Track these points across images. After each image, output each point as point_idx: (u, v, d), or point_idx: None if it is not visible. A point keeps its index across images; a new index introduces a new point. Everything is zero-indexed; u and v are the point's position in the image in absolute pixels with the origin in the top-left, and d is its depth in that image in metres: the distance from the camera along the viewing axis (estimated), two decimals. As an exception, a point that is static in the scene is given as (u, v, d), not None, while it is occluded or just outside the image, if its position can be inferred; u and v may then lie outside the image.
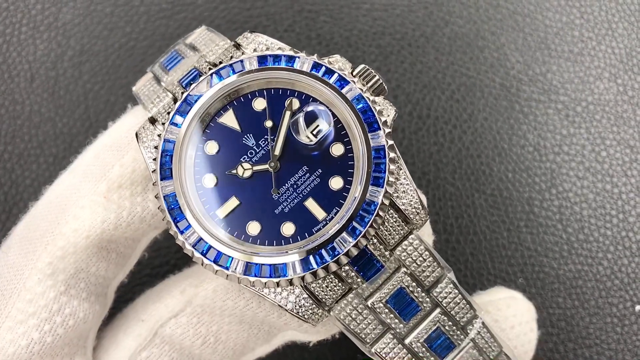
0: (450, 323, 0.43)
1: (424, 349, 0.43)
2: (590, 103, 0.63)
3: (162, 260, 0.58)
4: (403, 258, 0.42)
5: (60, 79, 0.62)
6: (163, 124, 0.42)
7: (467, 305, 0.43)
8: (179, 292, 0.46)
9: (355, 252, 0.40)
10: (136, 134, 0.43)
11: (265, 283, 0.39)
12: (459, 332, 0.43)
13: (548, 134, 0.62)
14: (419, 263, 0.42)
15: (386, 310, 0.42)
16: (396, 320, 0.42)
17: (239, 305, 0.45)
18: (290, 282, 0.40)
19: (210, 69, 0.43)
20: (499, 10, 0.65)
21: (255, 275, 0.39)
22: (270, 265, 0.39)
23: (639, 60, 0.64)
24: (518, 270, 0.59)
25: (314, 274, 0.39)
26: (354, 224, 0.40)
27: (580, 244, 0.60)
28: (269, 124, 0.42)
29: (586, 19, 0.65)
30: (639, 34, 0.65)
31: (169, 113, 0.42)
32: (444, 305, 0.43)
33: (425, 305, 0.42)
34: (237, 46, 0.44)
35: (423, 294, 0.42)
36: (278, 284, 0.40)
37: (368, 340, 0.42)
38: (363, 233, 0.40)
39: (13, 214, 0.59)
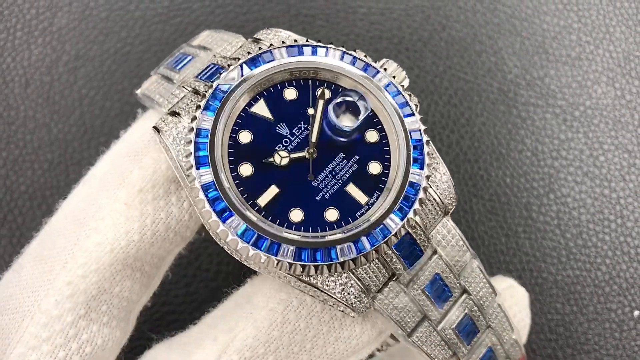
0: (476, 308, 0.44)
1: (454, 335, 0.43)
2: (588, 107, 0.63)
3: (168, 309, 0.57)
4: (438, 242, 0.43)
5: (55, 84, 0.61)
6: (189, 114, 0.42)
7: (490, 290, 0.44)
8: (211, 341, 0.41)
9: (403, 232, 0.40)
10: (156, 128, 0.41)
11: (317, 268, 0.39)
12: (482, 317, 0.44)
13: (546, 139, 0.62)
14: (452, 247, 0.43)
15: (423, 297, 0.42)
16: (431, 307, 0.43)
17: (285, 332, 0.41)
18: (342, 266, 0.39)
19: (229, 64, 0.43)
20: (496, 14, 0.65)
21: (306, 261, 0.39)
22: (320, 249, 0.39)
23: (636, 64, 0.64)
24: (516, 276, 0.59)
25: (366, 256, 0.40)
26: (401, 204, 0.40)
27: (579, 249, 0.60)
28: (310, 111, 0.42)
29: (584, 22, 0.65)
30: (637, 38, 0.65)
31: (197, 104, 0.41)
32: (471, 290, 0.44)
33: (456, 291, 0.43)
34: (256, 41, 0.45)
35: (454, 279, 0.43)
36: (329, 269, 0.39)
37: (408, 329, 0.42)
38: (411, 212, 0.40)
39: (7, 220, 0.59)
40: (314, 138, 0.42)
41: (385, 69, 0.44)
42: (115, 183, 0.41)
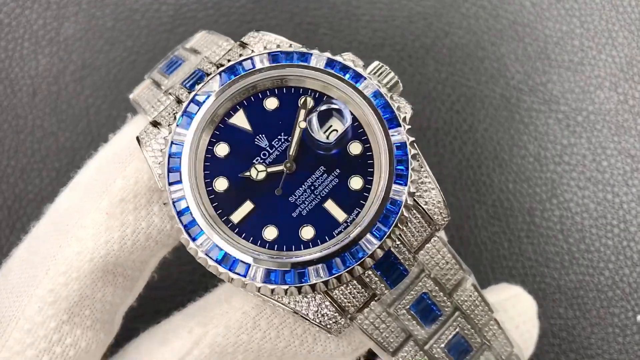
0: (468, 326, 0.42)
1: (443, 354, 0.42)
2: (590, 112, 0.63)
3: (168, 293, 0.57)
4: (426, 261, 0.40)
5: (62, 93, 0.62)
6: (169, 125, 0.40)
7: (486, 308, 0.43)
8: (187, 332, 0.43)
9: (380, 253, 0.38)
10: (137, 139, 0.41)
11: (286, 290, 0.38)
12: (476, 334, 0.43)
13: (549, 144, 0.62)
14: (442, 266, 0.41)
15: (409, 316, 0.41)
16: (418, 327, 0.41)
17: (255, 339, 0.42)
18: (313, 288, 0.38)
19: (215, 69, 0.41)
20: (498, 20, 0.65)
21: (275, 283, 0.37)
22: (291, 271, 0.37)
23: (639, 69, 0.64)
24: (519, 281, 0.59)
25: (338, 278, 0.38)
26: (379, 224, 0.38)
27: (582, 253, 0.60)
28: (302, 125, 0.40)
29: (586, 28, 0.65)
30: (639, 43, 0.65)
31: (174, 115, 0.40)
32: (464, 308, 0.42)
33: (446, 309, 0.41)
34: (243, 45, 0.43)
35: (445, 298, 0.41)
36: (299, 291, 0.38)
37: (390, 349, 0.41)
38: (388, 233, 0.38)
39: (16, 228, 0.60)
40: (292, 151, 0.40)
41: (374, 74, 0.41)
42: (99, 191, 0.42)
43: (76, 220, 0.42)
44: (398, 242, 0.39)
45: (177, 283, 0.57)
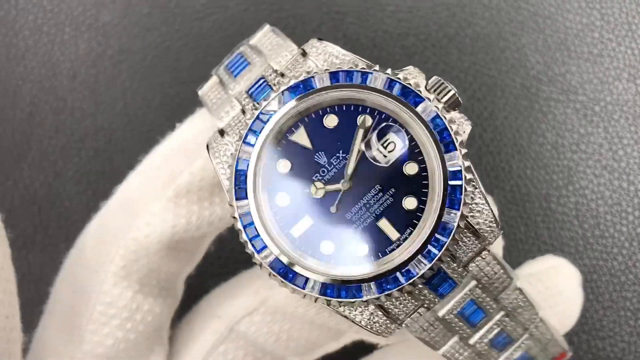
0: (512, 323, 0.44)
1: (486, 346, 0.44)
2: (608, 103, 0.65)
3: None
4: (475, 272, 0.41)
5: (101, 76, 0.65)
6: (236, 141, 0.42)
7: (530, 307, 0.44)
8: (253, 292, 0.48)
9: (430, 274, 0.39)
10: (207, 146, 0.43)
11: (341, 303, 0.40)
12: (519, 329, 0.44)
13: (566, 133, 0.64)
14: (490, 276, 0.42)
15: (456, 319, 0.43)
16: (464, 327, 0.43)
17: (309, 313, 0.47)
18: (366, 303, 0.40)
19: (278, 79, 0.42)
20: (520, 12, 0.67)
21: (331, 296, 0.39)
22: (345, 286, 0.39)
23: (657, 61, 0.66)
24: (534, 264, 0.61)
25: (389, 295, 0.39)
26: (430, 247, 0.39)
27: (596, 239, 0.62)
28: (361, 146, 0.41)
29: (606, 20, 0.67)
30: (658, 36, 0.66)
31: (240, 129, 0.42)
32: (510, 309, 0.44)
33: (492, 311, 0.43)
34: (304, 54, 0.43)
35: (491, 302, 0.43)
36: (353, 305, 0.40)
37: (437, 347, 0.43)
38: (439, 256, 0.39)
39: (56, 205, 0.63)
40: (349, 170, 0.41)
41: (405, 79, 0.41)
42: (165, 179, 0.45)
43: (145, 205, 0.45)
44: (448, 259, 0.41)
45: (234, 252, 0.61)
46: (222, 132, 0.43)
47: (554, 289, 0.49)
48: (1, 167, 0.64)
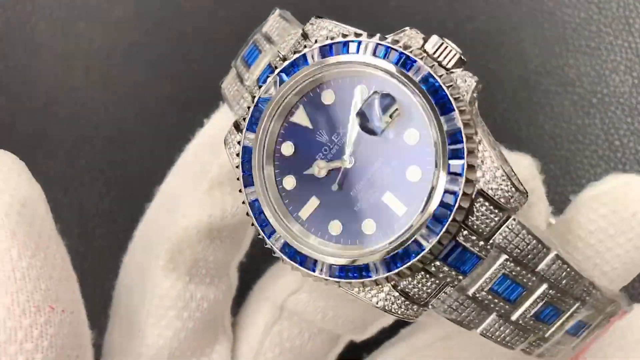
0: (559, 294, 0.40)
1: (531, 321, 0.40)
2: (605, 95, 0.66)
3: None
4: (504, 245, 0.37)
5: (113, 69, 0.68)
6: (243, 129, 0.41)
7: (578, 276, 0.39)
8: (293, 273, 0.47)
9: (439, 248, 0.36)
10: (224, 141, 0.43)
11: (351, 284, 0.38)
12: (568, 300, 0.40)
13: (564, 124, 0.66)
14: (521, 248, 0.38)
15: (490, 297, 0.38)
16: (501, 304, 0.39)
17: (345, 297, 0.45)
18: (376, 283, 0.38)
19: (280, 63, 0.41)
20: (519, 7, 0.68)
21: (341, 277, 0.38)
22: (353, 267, 0.38)
23: (654, 54, 0.67)
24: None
25: (399, 273, 0.37)
26: (434, 218, 0.36)
27: (592, 227, 0.64)
28: (356, 118, 0.39)
29: (604, 14, 0.68)
30: (655, 30, 0.68)
31: (244, 119, 0.41)
32: (552, 280, 0.39)
33: (530, 284, 0.39)
34: (305, 36, 0.41)
35: (529, 275, 0.39)
36: (364, 285, 0.38)
37: (472, 326, 0.39)
38: (445, 228, 0.36)
39: (69, 192, 0.66)
40: (348, 145, 0.39)
41: (395, 41, 0.39)
42: (198, 174, 0.48)
43: (181, 201, 0.48)
44: (465, 232, 0.37)
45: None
46: (237, 125, 0.42)
47: (623, 212, 0.42)
48: (18, 155, 0.67)
